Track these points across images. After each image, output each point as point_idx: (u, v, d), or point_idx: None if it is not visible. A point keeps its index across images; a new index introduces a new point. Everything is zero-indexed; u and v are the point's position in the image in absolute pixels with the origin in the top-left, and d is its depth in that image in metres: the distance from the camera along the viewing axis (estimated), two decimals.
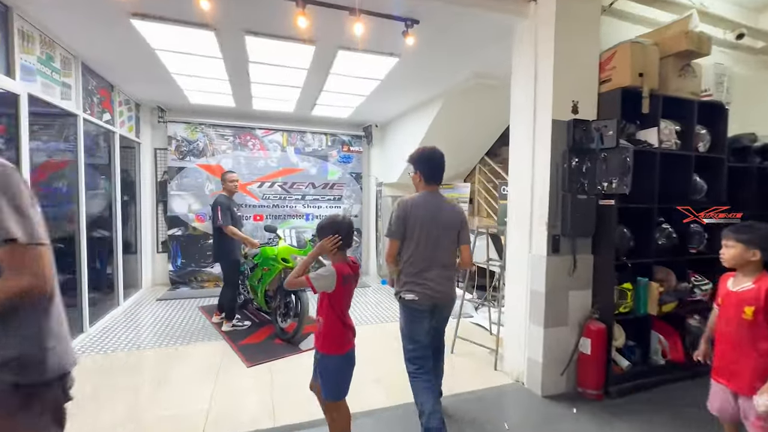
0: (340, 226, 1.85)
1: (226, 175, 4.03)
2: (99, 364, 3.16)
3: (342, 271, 1.81)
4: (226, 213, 3.77)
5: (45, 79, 3.09)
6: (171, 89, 4.60)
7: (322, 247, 1.83)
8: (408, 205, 2.13)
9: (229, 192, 3.99)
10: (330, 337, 1.84)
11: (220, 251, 3.89)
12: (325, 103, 5.16)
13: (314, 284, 1.78)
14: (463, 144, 5.61)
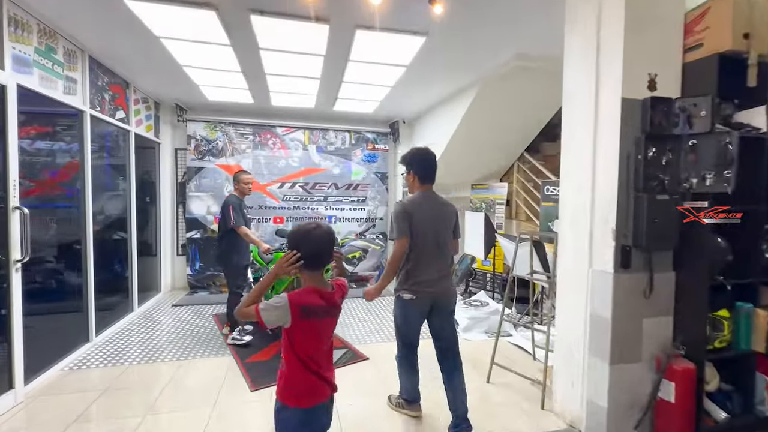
0: (302, 240, 1.40)
1: (241, 176, 3.72)
2: (87, 381, 2.90)
3: (301, 300, 1.36)
4: (238, 213, 3.47)
5: (44, 72, 2.88)
6: (186, 85, 4.38)
7: (278, 267, 1.40)
8: (408, 206, 2.19)
9: (242, 193, 3.69)
10: (289, 383, 1.40)
11: (223, 255, 3.61)
12: (348, 96, 4.77)
13: (262, 316, 1.34)
14: (499, 139, 5.03)
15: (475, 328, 3.95)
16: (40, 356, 2.92)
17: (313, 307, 1.38)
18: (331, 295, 1.44)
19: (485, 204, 5.56)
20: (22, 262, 2.50)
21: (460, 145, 5.00)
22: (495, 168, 5.72)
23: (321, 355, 1.44)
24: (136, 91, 4.53)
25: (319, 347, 1.43)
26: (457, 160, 5.34)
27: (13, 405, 2.48)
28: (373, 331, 4.01)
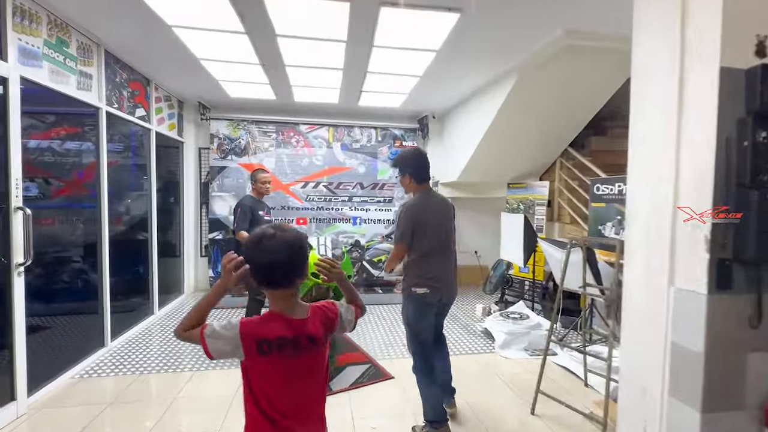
0: (253, 250, 1.07)
1: (258, 174, 3.49)
2: (95, 392, 2.73)
3: (257, 331, 1.04)
4: (245, 217, 3.24)
5: (55, 66, 2.76)
6: (207, 82, 4.22)
7: (225, 278, 1.07)
8: (414, 210, 2.21)
9: (259, 193, 3.46)
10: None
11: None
12: (373, 89, 4.45)
13: (208, 345, 1.03)
14: (540, 134, 4.54)
15: (514, 344, 3.51)
16: (49, 364, 2.81)
17: (274, 340, 1.04)
18: (301, 324, 1.09)
19: (523, 205, 5.07)
20: (24, 265, 2.35)
21: (495, 141, 4.56)
22: (534, 165, 5.21)
23: (295, 408, 1.07)
24: (158, 89, 4.43)
25: (289, 396, 1.07)
26: (492, 157, 4.89)
27: (15, 418, 2.34)
28: (401, 345, 3.66)
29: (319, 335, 1.13)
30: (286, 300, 1.11)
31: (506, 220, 4.58)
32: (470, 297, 5.44)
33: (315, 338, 1.12)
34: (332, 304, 1.24)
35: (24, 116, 3.06)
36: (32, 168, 3.06)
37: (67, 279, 3.25)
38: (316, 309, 1.17)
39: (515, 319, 3.76)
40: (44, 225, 3.31)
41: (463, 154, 5.03)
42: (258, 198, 3.45)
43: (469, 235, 6.23)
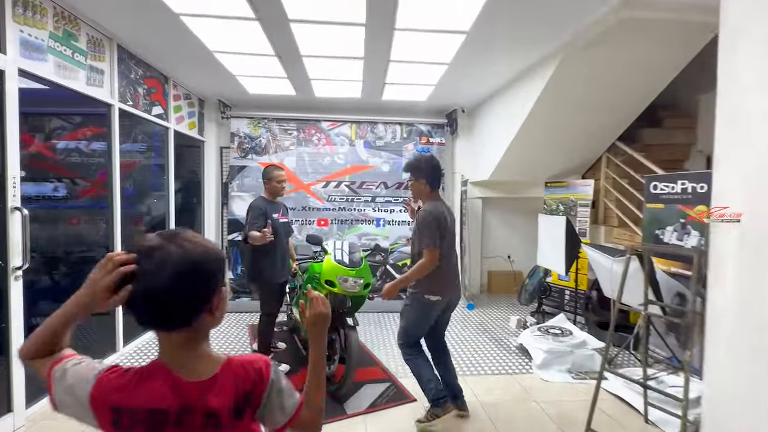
0: (142, 268, 0.68)
1: (273, 172, 3.00)
2: None
3: (115, 397, 0.68)
4: (256, 220, 2.85)
5: (62, 60, 2.64)
6: (224, 77, 4.07)
7: (93, 291, 0.69)
8: (436, 214, 2.23)
9: (272, 194, 3.06)
10: None
11: (253, 269, 3.00)
12: (397, 80, 4.14)
13: (54, 391, 0.70)
14: (584, 126, 4.05)
15: (555, 364, 3.07)
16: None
17: (143, 411, 0.68)
18: (196, 390, 0.70)
19: (563, 206, 4.58)
20: (22, 269, 2.22)
21: (531, 136, 4.11)
22: (576, 162, 4.70)
23: None
24: (177, 87, 4.33)
25: None
26: (528, 153, 4.44)
27: (12, 431, 2.20)
28: None
29: (225, 410, 0.72)
30: (177, 348, 0.73)
31: (545, 222, 4.12)
32: (503, 306, 4.99)
33: (218, 415, 0.71)
34: (263, 365, 0.79)
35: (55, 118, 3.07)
36: (60, 169, 3.06)
37: (80, 279, 3.17)
38: (232, 367, 0.75)
39: (556, 334, 3.31)
40: (71, 225, 3.28)
41: (495, 150, 4.61)
42: (271, 199, 3.06)
43: (500, 238, 5.78)
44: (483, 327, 4.15)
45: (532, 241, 5.47)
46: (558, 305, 4.53)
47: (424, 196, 2.35)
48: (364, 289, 2.80)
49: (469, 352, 3.49)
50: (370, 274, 2.89)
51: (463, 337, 3.87)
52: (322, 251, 2.92)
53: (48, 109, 3.00)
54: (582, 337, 3.30)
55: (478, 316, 4.55)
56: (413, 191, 2.39)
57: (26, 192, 2.97)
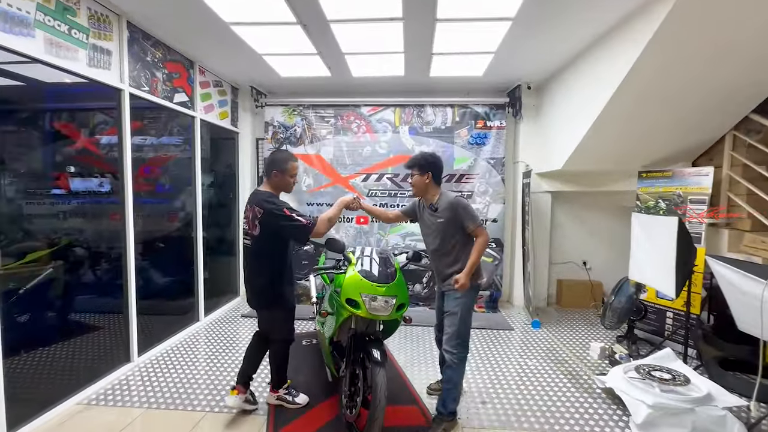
0: None
1: (289, 162, 2.26)
2: None
3: None
4: (293, 210, 2.16)
5: (55, 36, 2.32)
6: (250, 58, 3.64)
7: None
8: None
9: (280, 189, 2.29)
10: None
11: (270, 291, 2.24)
12: (446, 50, 3.40)
13: None
14: (702, 94, 2.98)
15: (666, 427, 2.19)
16: (58, 385, 2.46)
17: None
18: None
19: (665, 201, 3.53)
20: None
21: (623, 113, 3.15)
22: (686, 144, 3.59)
23: None
24: (205, 73, 4.00)
25: None
26: (618, 135, 3.46)
27: None
28: (475, 391, 2.58)
29: None
30: None
31: (642, 223, 3.13)
32: (578, 325, 4.05)
33: None
34: None
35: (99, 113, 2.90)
36: (103, 164, 2.95)
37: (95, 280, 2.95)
38: None
39: (664, 380, 2.40)
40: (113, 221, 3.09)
41: (571, 134, 3.68)
42: (276, 194, 2.27)
43: (574, 241, 4.79)
44: (553, 355, 3.30)
45: (615, 246, 4.46)
46: (656, 330, 3.51)
47: (428, 190, 2.36)
48: (396, 312, 2.16)
49: (535, 390, 2.70)
50: (405, 292, 2.24)
51: (527, 367, 3.07)
52: (344, 260, 2.31)
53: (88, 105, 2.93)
54: (704, 387, 2.35)
55: (546, 338, 3.68)
56: (417, 185, 2.37)
57: (75, 187, 2.88)
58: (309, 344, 3.45)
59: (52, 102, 2.73)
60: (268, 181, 2.28)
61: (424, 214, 2.42)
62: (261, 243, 2.18)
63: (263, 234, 2.15)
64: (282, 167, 2.25)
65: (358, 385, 2.10)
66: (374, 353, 2.02)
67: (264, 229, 2.14)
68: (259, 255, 2.22)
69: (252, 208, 2.18)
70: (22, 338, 2.40)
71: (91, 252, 2.97)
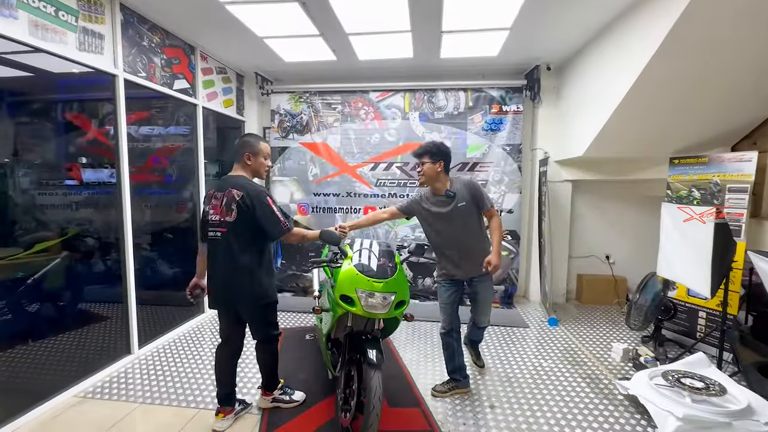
0: None
1: (260, 143, 2.11)
2: (74, 427, 2.18)
3: None
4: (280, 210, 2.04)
5: (40, 18, 2.22)
6: (252, 44, 3.49)
7: None
8: None
9: (254, 174, 2.13)
10: None
11: (262, 284, 2.06)
12: (457, 27, 3.15)
13: None
14: (742, 70, 2.64)
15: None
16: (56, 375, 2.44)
17: None
18: None
19: (699, 191, 3.20)
20: None
21: (653, 92, 2.84)
22: (726, 126, 3.24)
23: None
24: (207, 59, 3.88)
25: None
26: (645, 118, 3.15)
27: None
28: (484, 393, 2.40)
29: None
30: None
31: (673, 214, 2.84)
32: (599, 323, 3.79)
33: None
34: None
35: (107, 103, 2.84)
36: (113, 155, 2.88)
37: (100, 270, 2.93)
38: None
39: (696, 389, 2.15)
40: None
41: (593, 117, 3.38)
42: (251, 179, 2.11)
43: (596, 233, 4.48)
44: (571, 355, 3.07)
45: (641, 239, 4.15)
46: (687, 332, 3.22)
47: (438, 179, 2.34)
48: (395, 309, 1.99)
49: (549, 395, 2.49)
50: (406, 288, 2.06)
51: (542, 368, 2.85)
52: (341, 253, 2.15)
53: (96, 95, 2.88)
54: (743, 398, 2.09)
55: (564, 336, 3.44)
56: (427, 174, 2.33)
57: (87, 178, 2.86)
58: (312, 339, 3.34)
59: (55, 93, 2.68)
60: (240, 167, 2.08)
61: (431, 207, 2.37)
62: (240, 229, 1.97)
63: (241, 219, 1.96)
64: (254, 148, 2.09)
65: (353, 387, 1.95)
66: (369, 354, 1.86)
67: (243, 213, 1.95)
68: (236, 244, 1.99)
69: (228, 192, 1.98)
70: (24, 328, 2.40)
71: (99, 242, 2.96)
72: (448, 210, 2.31)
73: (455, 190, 2.31)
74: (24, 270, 2.46)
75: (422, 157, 2.32)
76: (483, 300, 2.43)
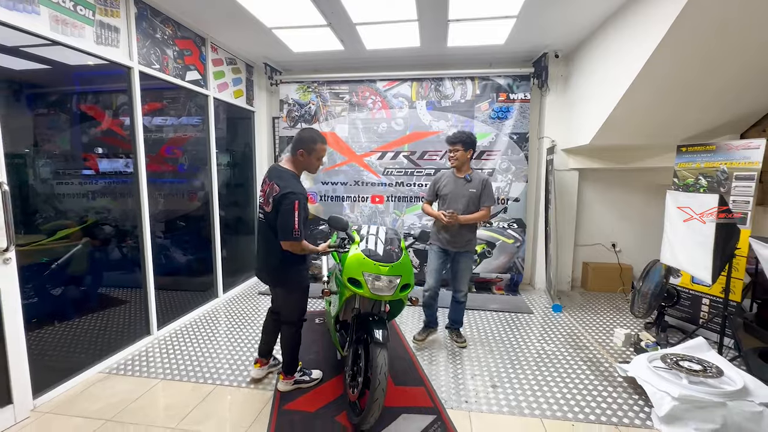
0: None
1: (318, 142, 2.16)
2: (105, 399, 2.34)
3: None
4: (302, 218, 2.03)
5: (60, 13, 2.32)
6: (260, 34, 3.55)
7: None
8: None
9: (303, 170, 2.23)
10: None
11: (282, 268, 2.18)
12: (464, 14, 3.16)
13: None
14: (752, 56, 2.62)
15: (693, 421, 2.02)
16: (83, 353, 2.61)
17: None
18: None
19: (706, 179, 3.20)
20: (5, 252, 1.97)
21: (660, 76, 2.82)
22: (734, 113, 3.22)
23: None
24: (218, 50, 3.95)
25: None
26: (652, 105, 3.14)
27: (12, 423, 2.05)
28: (489, 376, 2.50)
29: None
30: None
31: (678, 202, 2.86)
32: (603, 310, 3.84)
33: None
34: None
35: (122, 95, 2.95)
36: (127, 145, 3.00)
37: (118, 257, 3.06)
38: None
39: (694, 371, 2.21)
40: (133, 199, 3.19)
41: (600, 104, 3.38)
42: (299, 175, 2.21)
43: (602, 221, 4.50)
44: (573, 340, 3.15)
45: (648, 227, 4.17)
46: (690, 318, 3.26)
47: (466, 164, 2.84)
48: (400, 292, 2.08)
49: (550, 376, 2.58)
50: (410, 272, 2.15)
51: (543, 352, 2.93)
52: (348, 239, 2.25)
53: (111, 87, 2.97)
54: (740, 380, 2.14)
55: (568, 322, 3.51)
56: (460, 160, 2.79)
57: (103, 168, 2.98)
58: (321, 322, 3.46)
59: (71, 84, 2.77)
60: (291, 159, 2.19)
61: (454, 186, 2.85)
62: (272, 221, 2.10)
63: (274, 213, 2.07)
64: (310, 147, 2.15)
65: (360, 364, 2.06)
66: (376, 333, 1.96)
67: (275, 209, 2.06)
68: (270, 232, 2.13)
69: (270, 183, 2.12)
70: (51, 310, 2.55)
71: (116, 229, 3.09)
72: (463, 190, 2.80)
73: (473, 178, 2.82)
74: (47, 256, 2.60)
75: (456, 144, 2.78)
76: (462, 269, 2.88)
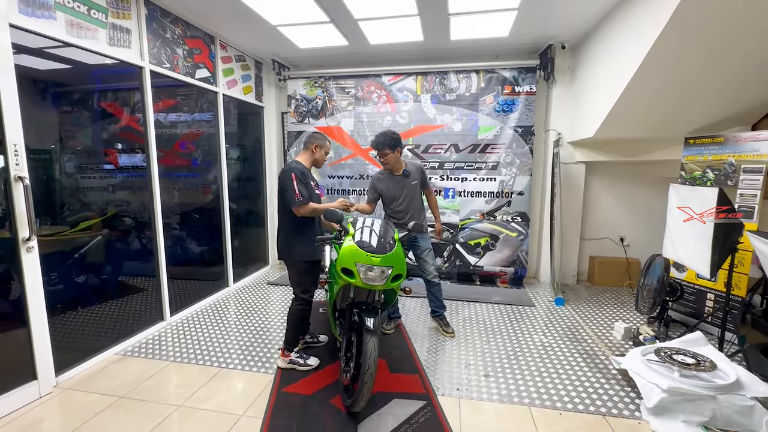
0: None
1: (325, 141, 2.64)
2: (120, 377, 2.51)
3: None
4: (304, 185, 2.43)
5: (75, 17, 2.46)
6: (266, 32, 3.64)
7: None
8: None
9: (312, 163, 2.63)
10: None
11: (287, 244, 2.53)
12: (464, 8, 3.17)
13: None
14: (755, 47, 2.54)
15: (681, 413, 2.04)
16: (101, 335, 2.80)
17: None
18: None
19: (714, 171, 3.14)
20: (29, 241, 2.15)
21: (665, 66, 2.77)
22: (744, 105, 3.13)
23: None
24: (227, 48, 4.08)
25: None
26: (658, 96, 3.08)
27: (37, 397, 2.24)
28: (483, 365, 2.57)
29: None
30: None
31: (680, 195, 2.83)
32: (606, 304, 3.82)
33: None
34: None
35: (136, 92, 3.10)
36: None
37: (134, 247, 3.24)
38: None
39: (686, 365, 2.21)
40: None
41: (605, 97, 3.34)
42: (308, 166, 2.60)
43: (609, 215, 4.45)
44: (573, 333, 3.16)
45: (656, 221, 4.09)
46: (694, 313, 3.22)
47: (398, 162, 2.90)
48: (392, 282, 2.16)
49: (544, 367, 2.62)
50: (402, 262, 2.22)
51: (540, 344, 2.97)
52: (343, 231, 2.33)
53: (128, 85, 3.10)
54: (733, 374, 2.14)
55: (569, 315, 3.52)
56: (392, 162, 2.86)
57: (122, 163, 3.16)
58: (324, 312, 3.58)
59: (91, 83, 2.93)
60: (304, 153, 2.61)
61: (391, 184, 2.95)
62: (279, 198, 2.52)
63: (279, 189, 2.50)
64: (319, 143, 2.62)
65: (353, 350, 2.15)
66: (367, 321, 2.05)
67: (281, 187, 2.48)
68: (279, 208, 2.56)
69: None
70: (73, 296, 2.75)
71: (135, 221, 3.27)
72: (401, 186, 2.92)
73: (409, 170, 2.93)
74: (70, 245, 2.80)
75: (383, 149, 2.80)
76: (423, 248, 3.02)
